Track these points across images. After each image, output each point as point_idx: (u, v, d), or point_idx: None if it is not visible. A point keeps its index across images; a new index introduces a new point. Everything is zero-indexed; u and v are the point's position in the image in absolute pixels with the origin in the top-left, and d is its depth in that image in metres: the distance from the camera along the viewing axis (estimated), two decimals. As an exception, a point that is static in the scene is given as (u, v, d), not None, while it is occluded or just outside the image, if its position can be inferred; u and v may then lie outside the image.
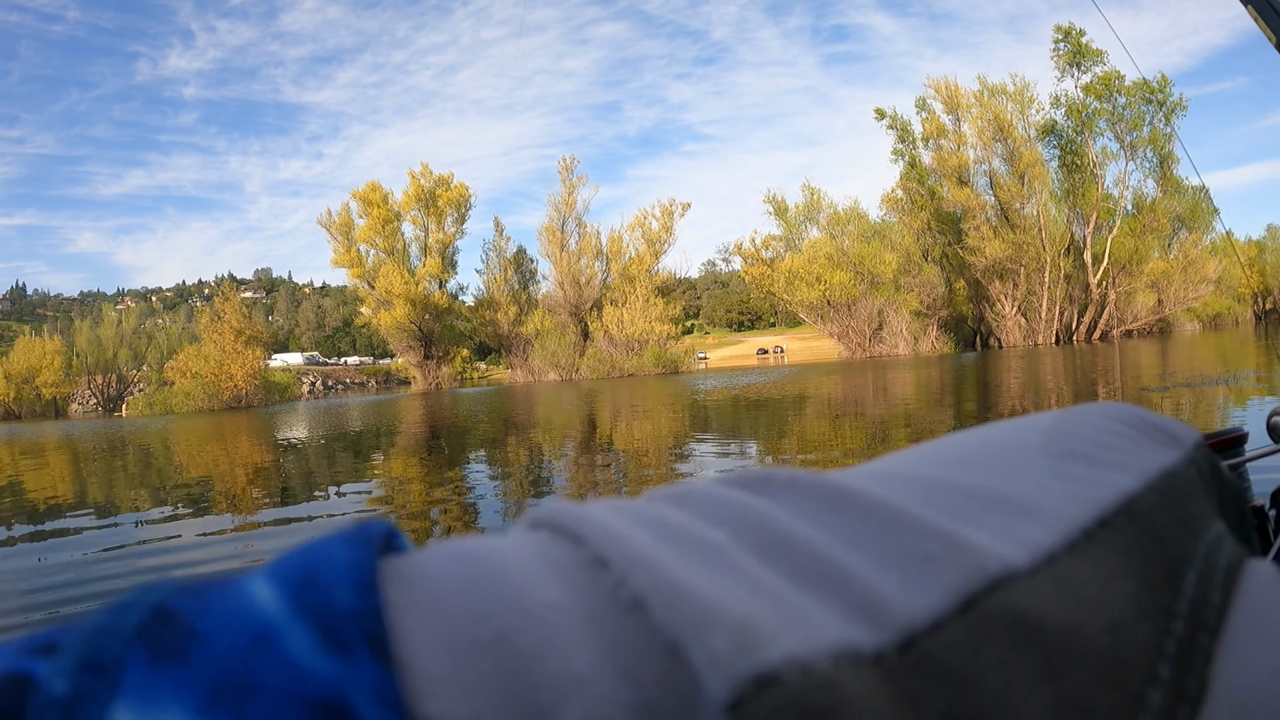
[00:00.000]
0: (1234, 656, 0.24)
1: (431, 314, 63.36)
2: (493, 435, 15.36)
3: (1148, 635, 0.23)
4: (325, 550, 0.23)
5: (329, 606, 0.21)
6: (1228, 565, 0.26)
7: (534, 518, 0.27)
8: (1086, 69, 54.83)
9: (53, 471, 13.98)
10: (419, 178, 63.61)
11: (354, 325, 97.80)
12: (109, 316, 77.86)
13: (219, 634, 0.20)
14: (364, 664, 0.20)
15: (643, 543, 0.23)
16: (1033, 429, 0.31)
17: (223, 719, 0.18)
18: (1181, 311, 63.20)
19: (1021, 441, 0.29)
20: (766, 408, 16.97)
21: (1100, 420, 0.32)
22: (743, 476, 0.28)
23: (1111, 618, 0.23)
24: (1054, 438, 0.29)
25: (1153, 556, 0.24)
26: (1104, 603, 0.23)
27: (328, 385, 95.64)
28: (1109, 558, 0.24)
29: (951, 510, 0.24)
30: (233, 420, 31.13)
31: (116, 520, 7.86)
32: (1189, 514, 0.27)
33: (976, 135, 55.97)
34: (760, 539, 0.24)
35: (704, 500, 0.26)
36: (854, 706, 0.20)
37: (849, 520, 0.24)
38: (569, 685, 0.20)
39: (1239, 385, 13.35)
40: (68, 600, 4.66)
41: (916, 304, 59.16)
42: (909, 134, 60.73)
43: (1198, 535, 0.27)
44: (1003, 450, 0.28)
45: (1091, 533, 0.24)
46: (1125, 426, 0.32)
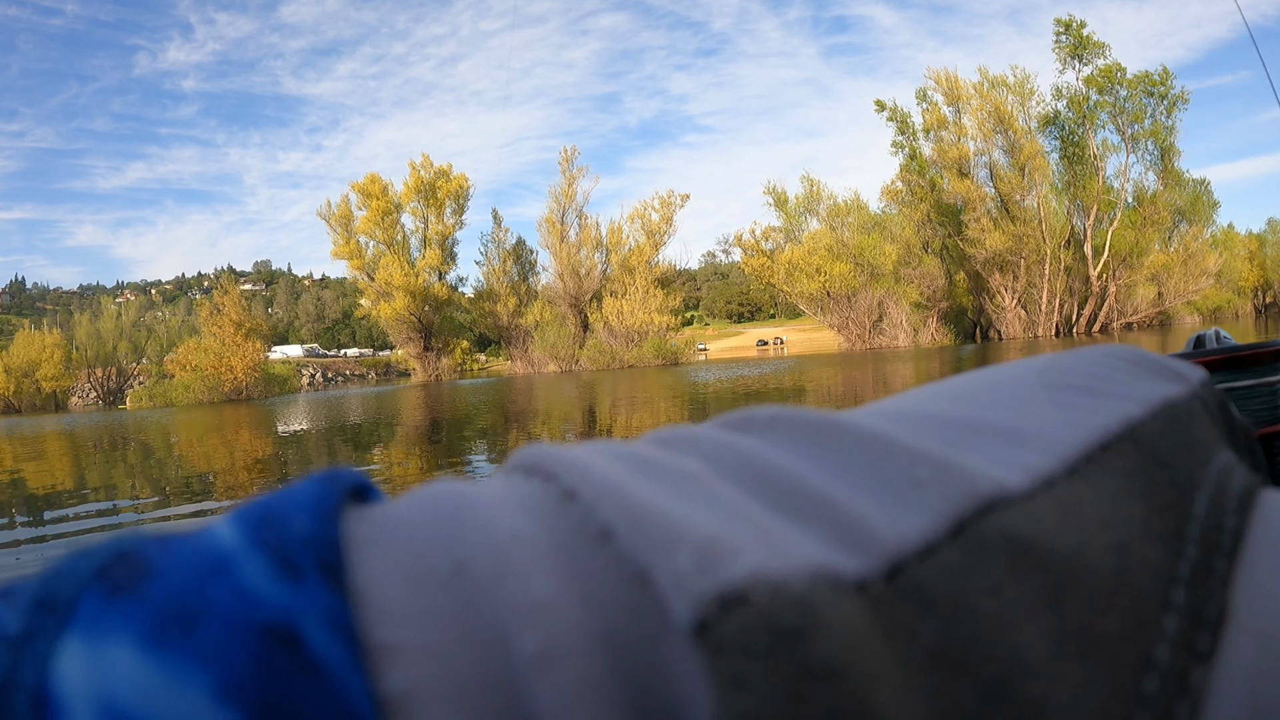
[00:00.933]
0: (1254, 582, 0.22)
1: (431, 306, 63.31)
2: (493, 426, 15.35)
3: (1158, 558, 0.22)
4: (289, 492, 0.23)
5: (284, 537, 0.20)
6: (1241, 490, 0.25)
7: (512, 461, 0.27)
8: (1088, 61, 54.69)
9: (85, 462, 13.97)
10: (419, 169, 63.50)
11: (354, 317, 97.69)
12: (108, 310, 77.69)
13: (174, 569, 0.20)
14: (315, 590, 0.19)
15: (615, 475, 0.22)
16: (1030, 366, 0.30)
17: (169, 645, 0.18)
18: (1182, 305, 63.12)
19: (1018, 377, 0.28)
20: (767, 399, 16.93)
21: (1102, 357, 0.32)
22: (728, 418, 0.29)
23: (1118, 539, 0.22)
24: (1053, 372, 0.28)
25: (1159, 480, 0.23)
26: (1109, 525, 0.22)
27: (328, 377, 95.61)
28: (1112, 480, 0.23)
29: (942, 438, 0.24)
30: (233, 412, 31.13)
31: (117, 505, 7.87)
32: (1196, 441, 0.26)
33: (977, 127, 55.86)
34: (738, 469, 0.23)
35: (687, 439, 0.26)
36: (833, 632, 0.19)
37: (833, 451, 0.23)
38: (528, 611, 0.20)
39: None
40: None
41: (917, 296, 59.06)
42: (909, 126, 60.57)
43: (1205, 462, 0.26)
44: (999, 385, 0.27)
45: (1093, 456, 0.23)
46: (1127, 363, 0.32)
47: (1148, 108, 55.40)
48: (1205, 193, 62.82)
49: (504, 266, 66.43)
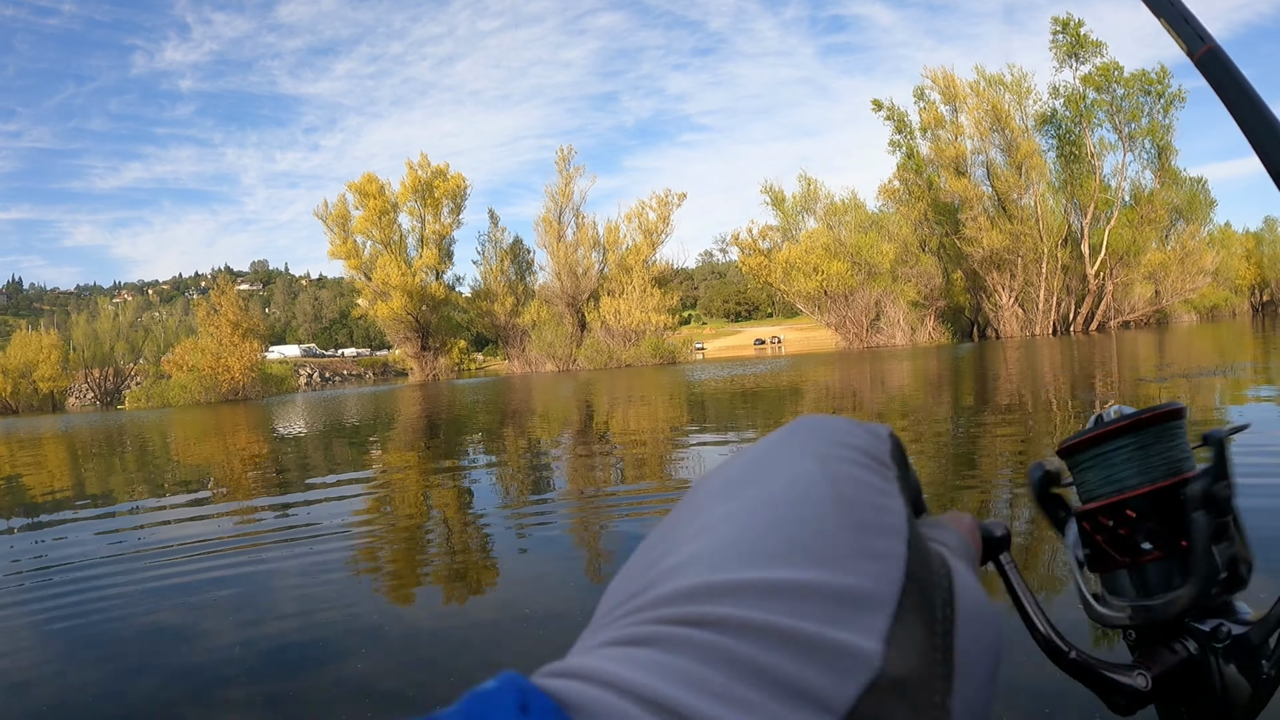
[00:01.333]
0: (959, 638, 0.28)
1: (428, 305, 63.40)
2: (491, 425, 15.37)
3: (935, 660, 0.26)
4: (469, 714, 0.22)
5: None
6: (948, 578, 0.30)
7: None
8: (1085, 60, 54.74)
9: (103, 464, 13.98)
10: (417, 168, 63.58)
11: (351, 317, 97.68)
12: (105, 310, 77.88)
13: None
14: None
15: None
16: (819, 500, 0.31)
17: None
18: (1179, 303, 63.29)
19: (821, 517, 0.30)
20: (763, 398, 16.98)
21: (855, 471, 0.33)
22: (616, 634, 0.27)
23: (924, 662, 0.26)
24: (843, 507, 0.30)
25: (924, 604, 0.28)
26: (919, 653, 0.26)
27: (325, 377, 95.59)
28: (910, 617, 0.27)
29: (815, 614, 0.26)
30: (231, 413, 31.13)
31: (114, 509, 7.89)
32: (925, 550, 0.30)
33: (974, 126, 55.97)
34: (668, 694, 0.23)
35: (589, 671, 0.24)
36: None
37: (738, 670, 0.24)
38: None
39: (1235, 376, 13.38)
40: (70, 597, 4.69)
41: (914, 294, 59.19)
42: (906, 125, 60.68)
43: (932, 566, 0.30)
44: (812, 532, 0.29)
45: (902, 601, 0.27)
46: (866, 467, 0.34)
47: (1145, 106, 55.50)
48: (1202, 191, 62.98)
49: (501, 266, 66.50)
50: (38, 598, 4.63)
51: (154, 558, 5.47)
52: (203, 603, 4.27)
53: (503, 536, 5.52)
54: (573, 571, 4.51)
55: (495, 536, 5.54)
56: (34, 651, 3.74)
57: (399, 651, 3.36)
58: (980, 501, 5.50)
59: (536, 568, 4.65)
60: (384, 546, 5.46)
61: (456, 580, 4.47)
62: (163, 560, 5.36)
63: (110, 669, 3.42)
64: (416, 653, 3.33)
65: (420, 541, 5.59)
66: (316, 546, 5.44)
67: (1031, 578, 3.67)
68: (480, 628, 3.65)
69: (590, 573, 4.42)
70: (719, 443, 9.91)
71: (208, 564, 5.15)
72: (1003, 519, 0.66)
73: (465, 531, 5.81)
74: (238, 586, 4.54)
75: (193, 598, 4.37)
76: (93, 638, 3.83)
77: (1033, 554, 4.08)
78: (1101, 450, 0.60)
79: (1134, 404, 0.49)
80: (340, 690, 3.01)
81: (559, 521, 5.89)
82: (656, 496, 6.52)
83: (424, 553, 5.28)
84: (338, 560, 5.02)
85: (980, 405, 12.45)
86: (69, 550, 5.96)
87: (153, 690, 3.14)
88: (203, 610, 4.14)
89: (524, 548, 5.19)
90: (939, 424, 10.22)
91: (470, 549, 5.28)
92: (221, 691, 3.07)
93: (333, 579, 4.57)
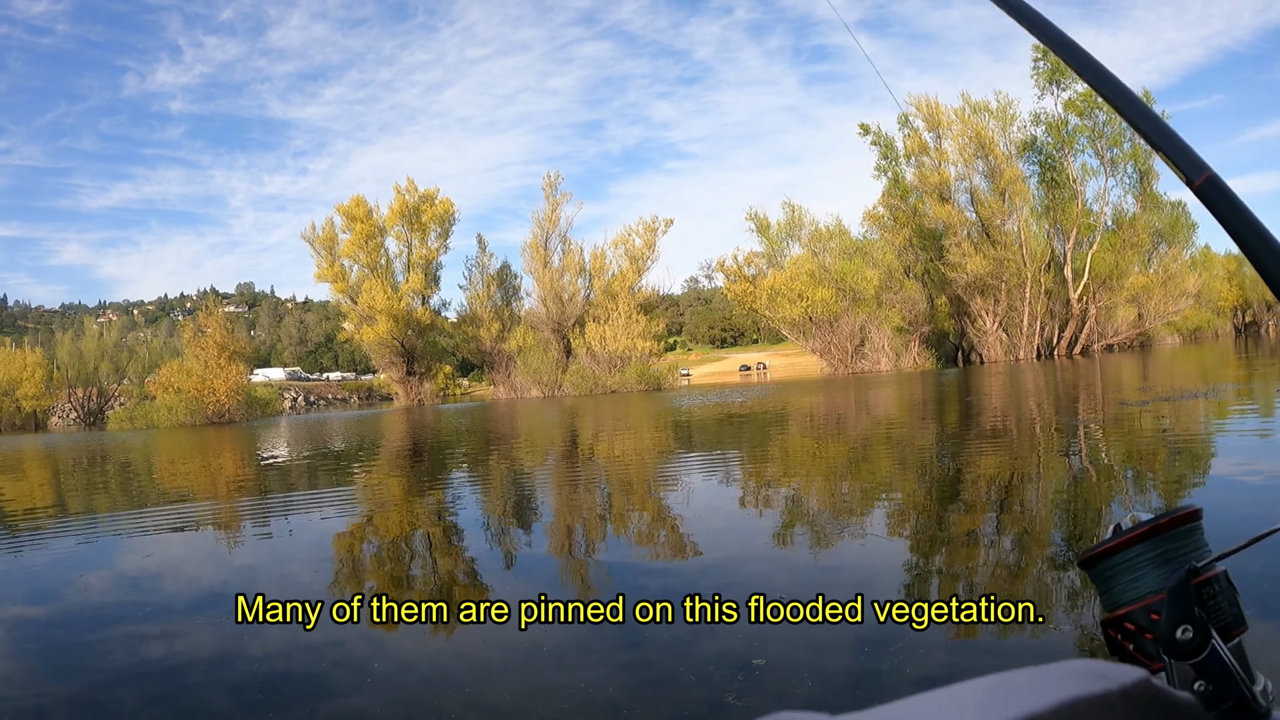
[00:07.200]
0: None
1: (414, 330, 63.22)
2: (474, 451, 15.35)
3: None
4: None
5: None
6: None
7: None
8: (1066, 86, 55.31)
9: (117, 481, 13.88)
10: (404, 193, 63.57)
11: (336, 341, 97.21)
12: (90, 329, 77.24)
13: None
14: None
15: None
16: None
17: None
18: (1162, 325, 63.83)
19: None
20: (749, 424, 17.03)
21: None
22: None
23: None
24: None
25: None
26: None
27: (310, 401, 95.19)
28: None
29: None
30: (217, 435, 30.95)
31: (97, 528, 7.84)
32: None
33: (958, 152, 56.38)
34: None
35: None
36: None
37: None
38: None
39: (1218, 399, 13.50)
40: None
41: (898, 320, 59.47)
42: (892, 150, 61.11)
43: None
44: None
45: None
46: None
47: (1126, 131, 55.90)
48: (1183, 214, 63.64)
49: (488, 291, 66.42)
50: (17, 622, 4.59)
51: (132, 582, 5.43)
52: (184, 630, 4.23)
53: (489, 565, 5.51)
54: (563, 603, 4.50)
55: (482, 564, 5.53)
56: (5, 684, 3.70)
57: (390, 689, 3.33)
58: (969, 532, 5.53)
59: (528, 597, 4.63)
60: (368, 575, 5.44)
61: (444, 611, 4.45)
62: (140, 588, 5.32)
63: (88, 702, 3.36)
64: (407, 690, 3.30)
65: (404, 573, 5.57)
66: (300, 571, 5.41)
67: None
68: (469, 660, 3.64)
69: (579, 603, 4.42)
70: (705, 468, 9.94)
71: (185, 590, 5.12)
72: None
73: (451, 559, 5.80)
74: (220, 609, 4.50)
75: (173, 626, 4.33)
76: (63, 668, 3.78)
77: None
78: (1125, 559, 0.59)
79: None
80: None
81: (544, 551, 5.90)
82: (645, 527, 6.55)
83: (409, 585, 5.25)
84: (321, 586, 4.98)
85: (964, 432, 12.51)
86: (41, 574, 5.91)
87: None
88: (183, 638, 4.10)
89: (512, 577, 5.18)
90: (923, 452, 10.28)
91: (458, 579, 5.27)
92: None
93: (317, 607, 4.53)
